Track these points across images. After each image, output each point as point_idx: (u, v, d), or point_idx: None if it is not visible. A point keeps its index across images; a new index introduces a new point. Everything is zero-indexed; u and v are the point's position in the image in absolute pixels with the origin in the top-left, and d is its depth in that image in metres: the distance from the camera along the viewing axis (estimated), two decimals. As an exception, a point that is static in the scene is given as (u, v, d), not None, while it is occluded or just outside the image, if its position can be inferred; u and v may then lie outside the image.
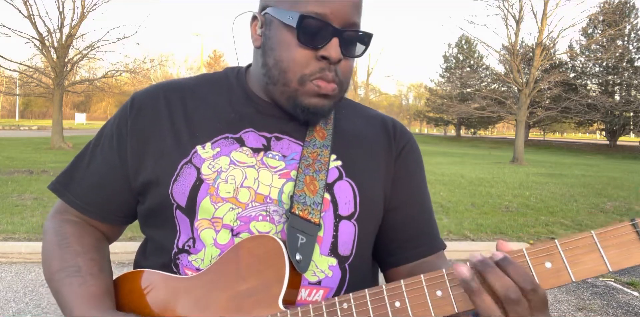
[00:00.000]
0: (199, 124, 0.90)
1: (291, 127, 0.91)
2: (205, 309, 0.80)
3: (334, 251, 0.86)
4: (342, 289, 0.87)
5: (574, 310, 3.77)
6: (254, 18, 0.91)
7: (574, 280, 0.61)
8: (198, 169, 0.86)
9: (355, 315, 0.71)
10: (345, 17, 0.83)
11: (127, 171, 0.91)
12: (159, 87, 0.96)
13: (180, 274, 0.85)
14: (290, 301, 0.79)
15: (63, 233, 0.93)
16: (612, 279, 4.51)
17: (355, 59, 0.89)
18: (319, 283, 0.85)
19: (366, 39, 0.87)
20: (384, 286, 0.70)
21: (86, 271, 0.87)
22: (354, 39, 0.85)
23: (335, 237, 0.86)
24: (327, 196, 0.87)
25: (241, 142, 0.89)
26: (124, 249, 4.21)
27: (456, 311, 0.65)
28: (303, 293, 0.84)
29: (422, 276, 0.68)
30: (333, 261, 0.86)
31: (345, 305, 0.72)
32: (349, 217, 0.88)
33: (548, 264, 0.62)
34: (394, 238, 0.95)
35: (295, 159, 0.89)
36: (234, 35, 1.00)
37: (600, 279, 4.52)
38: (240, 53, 1.04)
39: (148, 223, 0.93)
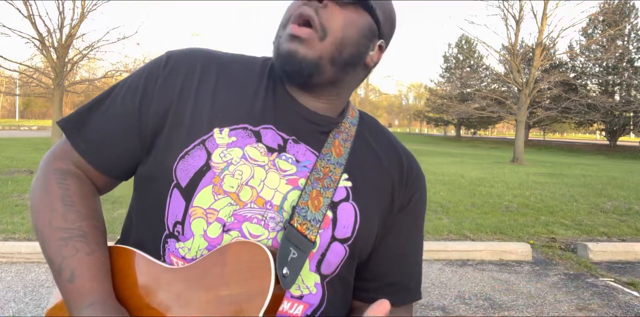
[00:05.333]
0: (223, 105, 0.87)
1: (310, 134, 0.89)
2: (185, 305, 0.79)
3: (318, 268, 0.85)
4: (321, 306, 0.86)
5: (574, 310, 3.77)
6: None
7: None
8: (209, 155, 0.83)
9: None
10: None
11: (147, 126, 0.87)
12: (198, 52, 0.92)
13: (164, 259, 0.83)
14: (271, 312, 0.77)
15: (67, 188, 0.86)
16: (612, 279, 4.51)
17: (355, 13, 0.82)
18: (300, 298, 0.83)
19: None
20: None
21: (92, 239, 0.83)
22: None
23: (324, 255, 0.85)
24: (330, 214, 0.85)
25: (258, 137, 0.85)
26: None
27: None
28: (285, 305, 0.82)
29: None
30: (317, 278, 0.85)
31: None
32: (342, 241, 0.86)
33: None
34: (372, 279, 0.95)
35: (307, 167, 0.86)
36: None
37: (601, 279, 4.52)
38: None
39: (142, 190, 0.89)
